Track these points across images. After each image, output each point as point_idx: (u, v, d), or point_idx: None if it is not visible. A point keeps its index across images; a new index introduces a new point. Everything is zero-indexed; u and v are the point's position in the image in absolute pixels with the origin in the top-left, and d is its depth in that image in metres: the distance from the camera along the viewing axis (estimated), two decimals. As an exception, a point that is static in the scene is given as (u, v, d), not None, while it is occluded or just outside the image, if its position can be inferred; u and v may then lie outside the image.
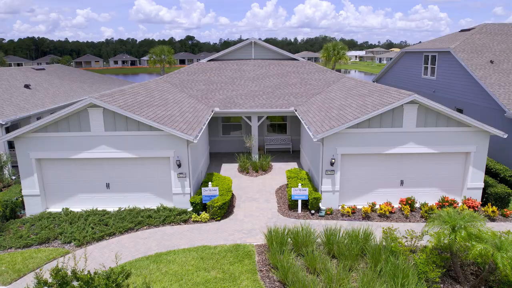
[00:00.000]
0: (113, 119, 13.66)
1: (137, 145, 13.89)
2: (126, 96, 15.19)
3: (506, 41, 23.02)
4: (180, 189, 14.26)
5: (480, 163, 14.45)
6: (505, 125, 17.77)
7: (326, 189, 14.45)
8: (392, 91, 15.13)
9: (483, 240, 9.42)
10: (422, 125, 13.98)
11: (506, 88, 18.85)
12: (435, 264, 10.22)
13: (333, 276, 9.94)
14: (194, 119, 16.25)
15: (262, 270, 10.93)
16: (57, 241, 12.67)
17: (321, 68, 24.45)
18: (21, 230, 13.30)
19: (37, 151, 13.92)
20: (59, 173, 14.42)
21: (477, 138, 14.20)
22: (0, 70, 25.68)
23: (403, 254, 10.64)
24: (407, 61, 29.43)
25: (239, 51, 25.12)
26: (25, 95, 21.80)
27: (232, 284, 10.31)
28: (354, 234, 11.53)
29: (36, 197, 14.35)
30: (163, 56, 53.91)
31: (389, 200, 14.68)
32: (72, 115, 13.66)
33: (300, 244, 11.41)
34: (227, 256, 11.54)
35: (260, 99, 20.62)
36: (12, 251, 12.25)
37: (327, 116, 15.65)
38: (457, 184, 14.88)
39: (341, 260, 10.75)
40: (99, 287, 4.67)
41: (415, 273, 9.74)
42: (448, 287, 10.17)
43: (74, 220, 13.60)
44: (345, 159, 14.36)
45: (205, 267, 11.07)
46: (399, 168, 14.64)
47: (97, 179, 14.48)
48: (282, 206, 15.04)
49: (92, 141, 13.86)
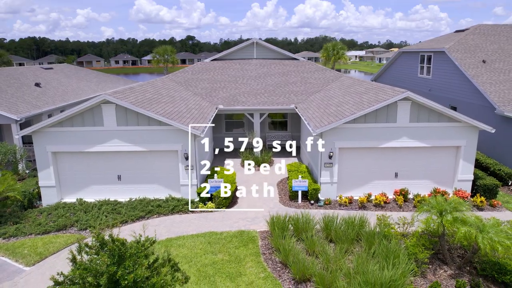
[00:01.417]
0: (125, 115, 14.57)
1: (147, 139, 14.80)
2: (136, 93, 16.09)
3: (498, 41, 23.92)
4: (187, 180, 15.17)
5: (470, 156, 15.35)
6: (495, 122, 18.66)
7: (325, 181, 15.35)
8: (387, 89, 16.03)
9: (467, 224, 10.31)
10: (415, 121, 14.88)
11: (497, 86, 19.75)
12: (424, 246, 11.12)
13: (330, 258, 10.86)
14: (200, 115, 17.16)
15: (265, 253, 11.84)
16: (73, 228, 13.59)
17: (320, 67, 25.36)
18: (39, 218, 14.21)
19: (53, 144, 14.83)
20: (73, 166, 15.32)
21: (466, 132, 15.10)
22: (12, 69, 26.59)
23: (395, 238, 11.54)
24: (404, 61, 30.34)
25: (242, 51, 26.02)
26: (36, 93, 22.71)
27: (238, 265, 11.22)
28: (350, 221, 12.43)
29: (52, 188, 15.25)
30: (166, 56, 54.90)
31: (384, 191, 15.58)
32: (86, 110, 14.56)
33: (300, 230, 12.32)
34: (232, 241, 12.46)
35: (262, 97, 21.53)
36: (32, 237, 13.16)
37: (325, 112, 16.55)
38: (448, 176, 15.78)
39: (338, 244, 11.66)
40: (131, 249, 5.55)
41: (405, 255, 10.64)
42: (436, 268, 11.07)
43: (88, 209, 14.52)
44: (343, 153, 15.26)
45: (212, 250, 11.98)
46: (393, 161, 15.54)
47: (109, 171, 15.38)
48: (283, 197, 15.95)
49: (105, 135, 14.77)
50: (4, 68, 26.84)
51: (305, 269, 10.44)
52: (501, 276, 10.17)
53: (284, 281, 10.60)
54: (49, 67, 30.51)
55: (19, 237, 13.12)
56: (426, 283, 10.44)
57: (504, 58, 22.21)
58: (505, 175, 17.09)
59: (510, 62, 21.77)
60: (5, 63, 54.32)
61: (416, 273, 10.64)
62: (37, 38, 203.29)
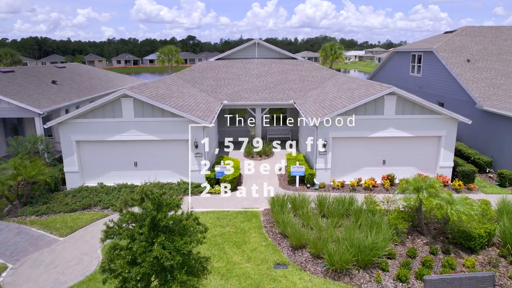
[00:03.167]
0: (141, 107, 16.35)
1: (161, 129, 16.58)
2: (150, 89, 17.88)
3: (483, 42, 25.70)
4: (197, 166, 16.96)
5: (450, 145, 17.13)
6: (476, 116, 20.43)
7: (320, 167, 17.14)
8: (376, 85, 17.82)
9: (439, 198, 12.09)
10: (400, 113, 16.65)
11: (479, 83, 21.53)
12: (404, 219, 12.90)
13: (323, 229, 12.64)
14: (207, 109, 18.94)
15: (267, 226, 13.63)
16: (97, 207, 15.38)
17: (317, 66, 27.16)
18: (65, 199, 16.00)
19: (77, 134, 16.62)
20: (94, 153, 17.10)
21: (447, 124, 16.88)
22: (29, 68, 28.37)
23: (379, 213, 13.31)
24: (397, 60, 32.14)
25: (244, 51, 27.83)
26: (53, 90, 24.48)
27: (243, 236, 13.00)
28: (341, 199, 14.22)
29: (75, 174, 17.05)
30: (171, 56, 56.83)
31: (373, 177, 17.36)
32: (107, 104, 16.35)
33: (297, 207, 14.11)
34: (238, 217, 14.25)
35: (263, 93, 23.31)
36: (61, 214, 14.95)
37: (321, 106, 18.34)
38: (431, 163, 17.56)
39: (329, 218, 13.44)
40: (165, 201, 7.29)
41: (387, 225, 12.41)
42: (414, 238, 12.85)
43: (109, 191, 16.31)
44: (336, 142, 17.04)
45: (220, 224, 13.77)
46: (381, 150, 17.32)
47: (127, 159, 17.17)
48: (282, 182, 17.74)
49: (124, 126, 16.55)
50: (23, 67, 28.65)
51: (301, 238, 12.22)
52: (467, 242, 11.95)
53: (283, 248, 12.39)
54: (62, 66, 32.30)
55: (50, 215, 14.92)
56: (405, 249, 12.21)
57: (487, 57, 23.99)
58: (484, 163, 18.87)
59: (492, 61, 23.55)
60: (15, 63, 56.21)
61: (396, 241, 12.41)
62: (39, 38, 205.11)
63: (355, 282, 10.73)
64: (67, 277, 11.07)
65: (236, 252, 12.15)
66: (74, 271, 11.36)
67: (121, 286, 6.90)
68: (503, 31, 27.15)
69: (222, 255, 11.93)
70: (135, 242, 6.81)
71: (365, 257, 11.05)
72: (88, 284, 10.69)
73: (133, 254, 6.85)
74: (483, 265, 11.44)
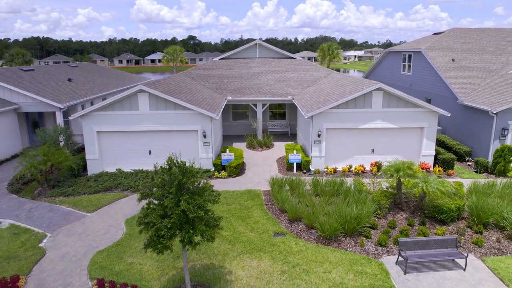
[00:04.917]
0: (155, 101, 18.34)
1: (173, 121, 18.56)
2: (163, 85, 19.87)
3: (468, 43, 27.70)
4: (205, 154, 18.95)
5: (431, 136, 19.10)
6: (458, 110, 22.43)
7: (315, 155, 19.13)
8: (366, 82, 19.81)
9: (416, 177, 14.09)
10: (386, 107, 18.63)
11: (461, 81, 23.52)
12: (386, 196, 14.89)
13: (316, 205, 14.62)
14: (213, 103, 20.94)
15: (267, 204, 15.62)
16: (117, 189, 17.37)
17: (314, 65, 29.16)
18: (88, 183, 17.97)
19: (98, 125, 18.59)
20: (113, 142, 19.08)
21: (428, 116, 18.85)
22: (46, 67, 30.36)
23: (365, 192, 15.30)
24: (390, 60, 34.14)
25: (246, 51, 29.85)
26: (70, 87, 26.47)
27: (247, 211, 14.99)
28: (333, 182, 16.21)
29: (96, 161, 19.03)
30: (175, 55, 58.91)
31: (363, 164, 19.34)
32: (125, 98, 18.33)
33: (294, 187, 16.10)
34: (242, 196, 16.24)
35: (264, 90, 25.31)
36: (86, 195, 16.92)
37: (316, 101, 20.33)
38: (415, 152, 19.54)
39: (322, 196, 15.43)
40: (187, 169, 9.26)
41: (371, 201, 14.40)
42: (395, 213, 14.83)
43: (127, 176, 18.31)
44: (329, 132, 19.02)
45: (227, 202, 15.75)
46: (370, 140, 19.30)
47: (142, 147, 19.15)
48: (281, 169, 19.73)
49: (140, 118, 18.53)
50: (41, 66, 30.63)
51: (297, 212, 14.21)
52: (440, 215, 13.93)
53: (281, 221, 14.38)
54: (74, 65, 34.30)
55: (76, 196, 16.88)
56: (386, 222, 14.19)
57: (471, 57, 25.98)
58: (464, 153, 20.87)
59: (474, 61, 25.54)
60: (27, 62, 58.16)
61: (379, 215, 14.40)
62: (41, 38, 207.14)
63: (342, 246, 12.71)
64: (98, 243, 13.05)
65: (241, 224, 14.13)
66: (103, 239, 13.34)
67: (154, 234, 8.87)
68: (488, 32, 29.16)
69: (229, 226, 13.91)
70: (166, 199, 8.80)
71: (350, 226, 13.04)
72: (116, 248, 12.68)
73: (164, 208, 8.82)
74: (452, 233, 13.43)
